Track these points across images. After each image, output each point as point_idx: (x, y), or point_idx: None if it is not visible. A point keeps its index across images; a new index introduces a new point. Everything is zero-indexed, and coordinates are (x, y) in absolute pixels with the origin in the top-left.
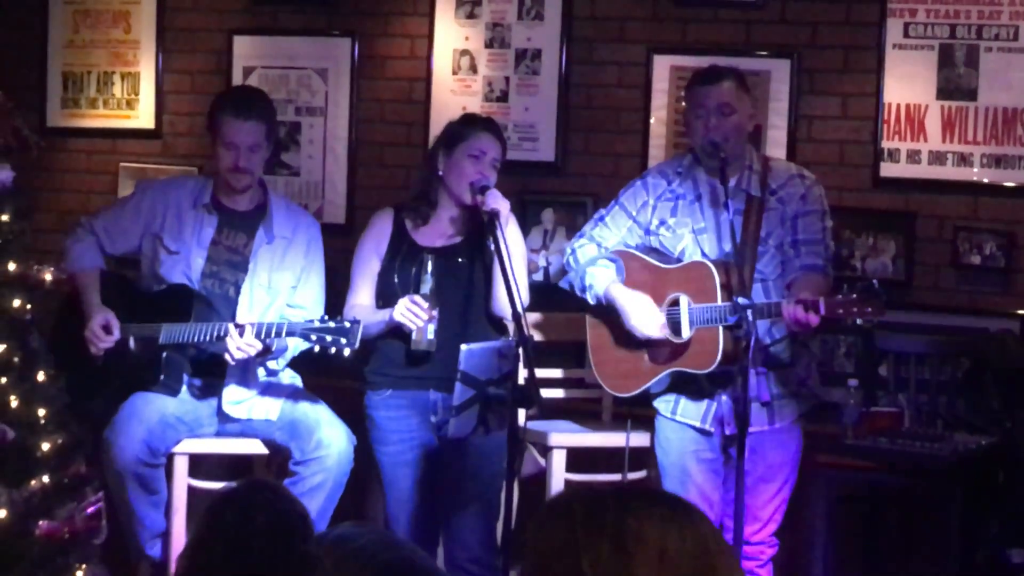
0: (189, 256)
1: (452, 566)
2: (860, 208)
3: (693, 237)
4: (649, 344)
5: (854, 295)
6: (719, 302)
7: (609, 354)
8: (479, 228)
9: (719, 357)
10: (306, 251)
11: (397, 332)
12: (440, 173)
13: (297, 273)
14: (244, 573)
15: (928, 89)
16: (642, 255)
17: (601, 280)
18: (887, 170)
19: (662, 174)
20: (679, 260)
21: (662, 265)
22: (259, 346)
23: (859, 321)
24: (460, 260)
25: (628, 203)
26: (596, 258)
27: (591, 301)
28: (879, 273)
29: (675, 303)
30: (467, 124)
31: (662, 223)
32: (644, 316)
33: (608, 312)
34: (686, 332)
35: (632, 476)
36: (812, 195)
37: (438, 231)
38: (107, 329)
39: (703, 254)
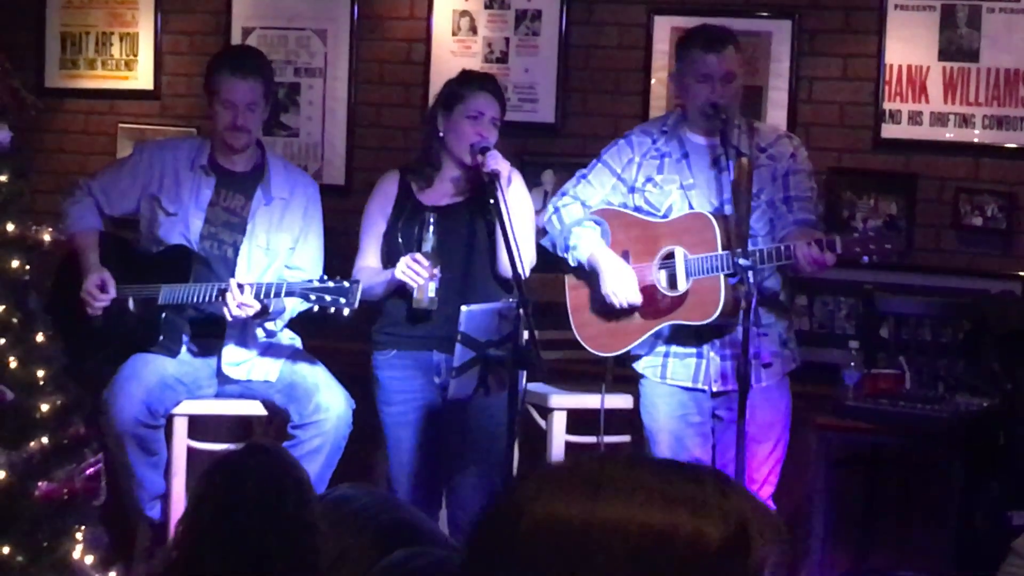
0: (187, 217)
1: (455, 528)
2: (861, 169)
3: (682, 193)
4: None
5: (871, 233)
6: (719, 251)
7: (591, 314)
8: (482, 187)
9: (720, 307)
10: (304, 212)
11: (401, 291)
12: (440, 134)
13: (295, 234)
14: (236, 536)
15: (930, 50)
16: (628, 211)
17: (586, 243)
18: (888, 131)
19: (646, 132)
20: (664, 217)
21: (651, 219)
22: (257, 305)
23: (875, 258)
24: (463, 219)
25: (612, 160)
26: (582, 219)
27: (572, 263)
28: None
29: (669, 256)
30: (464, 83)
31: (648, 180)
32: (622, 286)
33: (590, 274)
34: (682, 284)
35: (612, 440)
36: (801, 155)
37: (441, 191)
38: (102, 288)
39: (691, 208)
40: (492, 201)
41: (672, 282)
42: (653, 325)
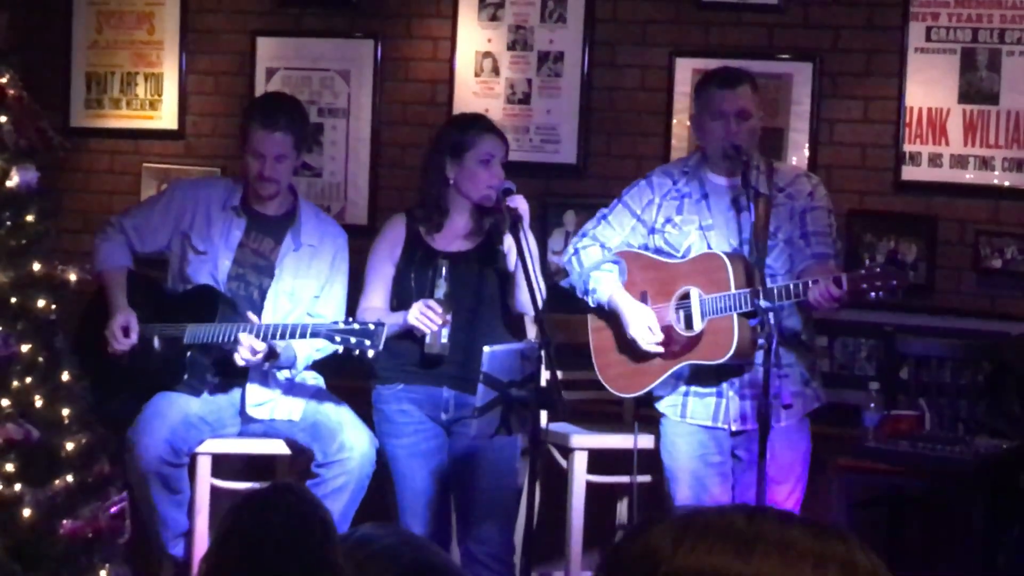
0: (216, 257)
1: (469, 561)
2: (881, 212)
3: (700, 234)
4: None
5: (877, 268)
6: (733, 291)
7: (614, 355)
8: (492, 231)
9: (734, 346)
10: (332, 261)
11: (409, 334)
12: (451, 181)
13: (321, 282)
14: (259, 575)
15: (950, 93)
16: (646, 253)
17: (605, 286)
18: (909, 174)
19: (667, 174)
20: (683, 258)
21: (668, 260)
22: (262, 347)
23: (882, 295)
24: (473, 265)
25: (632, 202)
26: (600, 262)
27: (592, 305)
28: None
29: (685, 296)
30: (467, 128)
31: (668, 221)
32: (643, 331)
33: (612, 316)
34: (698, 324)
35: (641, 479)
36: (819, 193)
37: (451, 235)
38: (125, 331)
39: (709, 249)
40: (514, 241)
41: (688, 322)
42: (671, 365)
